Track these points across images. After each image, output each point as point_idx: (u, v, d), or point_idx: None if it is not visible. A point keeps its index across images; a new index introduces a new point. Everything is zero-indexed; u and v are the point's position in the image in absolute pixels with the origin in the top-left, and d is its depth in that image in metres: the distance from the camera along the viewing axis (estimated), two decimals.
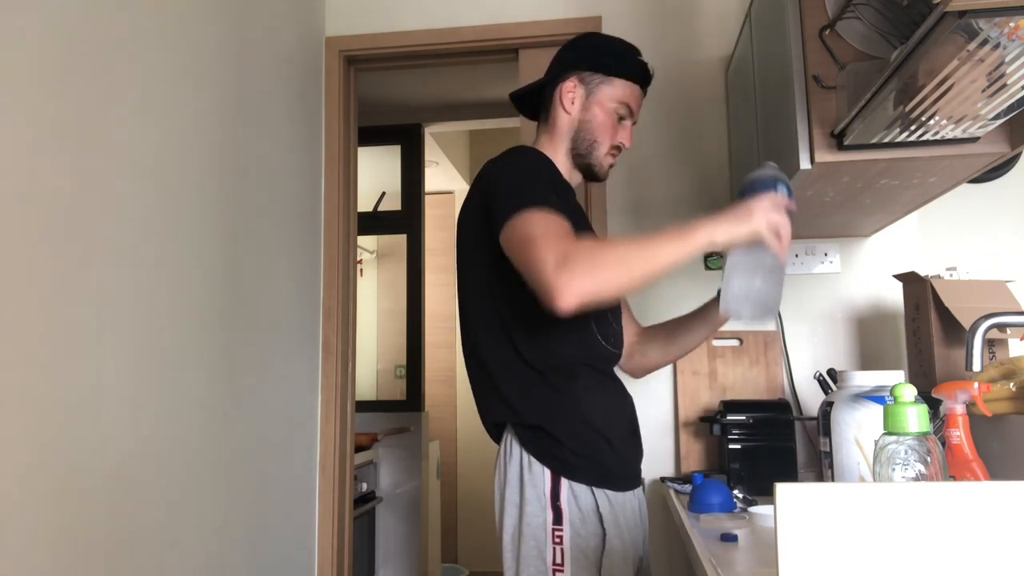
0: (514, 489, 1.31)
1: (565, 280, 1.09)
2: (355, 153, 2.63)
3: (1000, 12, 0.90)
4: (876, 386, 1.28)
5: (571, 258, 1.10)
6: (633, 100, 1.46)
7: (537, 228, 1.17)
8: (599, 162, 1.45)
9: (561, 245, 1.13)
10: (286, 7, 2.23)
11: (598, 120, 1.43)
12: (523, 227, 1.19)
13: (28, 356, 1.21)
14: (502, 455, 1.35)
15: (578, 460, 1.29)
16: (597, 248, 1.14)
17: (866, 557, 0.59)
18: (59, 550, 1.25)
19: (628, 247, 1.15)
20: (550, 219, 1.19)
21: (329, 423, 2.36)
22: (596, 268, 1.11)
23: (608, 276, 1.11)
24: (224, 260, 1.80)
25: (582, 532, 1.27)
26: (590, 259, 1.11)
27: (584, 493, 1.28)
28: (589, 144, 1.44)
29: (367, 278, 3.80)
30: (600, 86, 1.44)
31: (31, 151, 1.23)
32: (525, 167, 1.34)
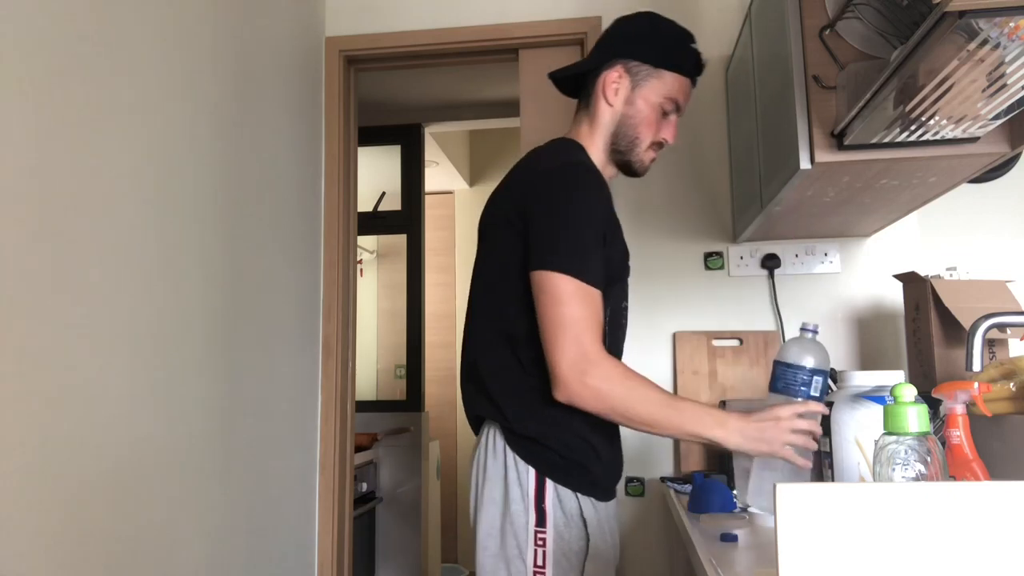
0: (495, 486, 1.27)
1: (576, 385, 1.16)
2: (355, 153, 2.63)
3: (1000, 12, 0.90)
4: (876, 386, 1.28)
5: (592, 369, 1.15)
6: (682, 94, 1.38)
7: (575, 308, 1.17)
8: (638, 159, 1.39)
9: (589, 345, 1.16)
10: (286, 7, 2.23)
11: (642, 115, 1.36)
12: (561, 293, 1.18)
13: (28, 356, 1.21)
14: (483, 449, 1.31)
15: (566, 465, 1.26)
16: (618, 377, 1.17)
17: (866, 557, 0.59)
18: (59, 550, 1.25)
19: (645, 400, 1.17)
20: (590, 302, 1.19)
21: (329, 423, 2.37)
22: (606, 397, 1.16)
23: (610, 409, 1.17)
24: (224, 260, 1.80)
25: (566, 536, 1.25)
26: (607, 384, 1.16)
27: (569, 497, 1.26)
28: (630, 140, 1.37)
29: (367, 278, 3.80)
30: (647, 79, 1.36)
31: (30, 151, 1.23)
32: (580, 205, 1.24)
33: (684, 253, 2.28)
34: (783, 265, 2.21)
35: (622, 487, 2.22)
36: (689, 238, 2.29)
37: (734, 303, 2.24)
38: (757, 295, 2.24)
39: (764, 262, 2.22)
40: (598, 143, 1.39)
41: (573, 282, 1.18)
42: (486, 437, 1.32)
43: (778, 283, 2.22)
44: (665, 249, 2.29)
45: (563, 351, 1.17)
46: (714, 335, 2.21)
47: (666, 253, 2.29)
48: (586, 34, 2.37)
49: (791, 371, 1.25)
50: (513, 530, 1.24)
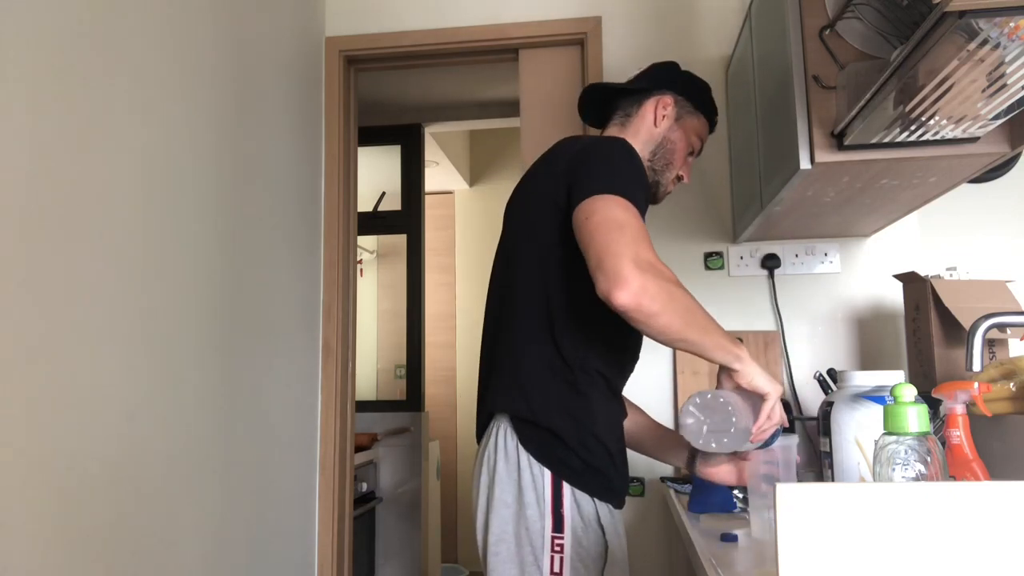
0: (508, 489, 1.23)
1: (640, 281, 1.07)
2: (355, 153, 2.63)
3: (1000, 12, 0.90)
4: (876, 386, 1.28)
5: (655, 267, 1.10)
6: (706, 138, 1.53)
7: (627, 216, 1.14)
8: (666, 182, 1.47)
9: (649, 251, 1.12)
10: (286, 7, 2.23)
11: (679, 144, 1.46)
12: (611, 208, 1.14)
13: (27, 356, 1.21)
14: (494, 450, 1.26)
15: (584, 468, 1.22)
16: (676, 281, 1.14)
17: (866, 557, 0.59)
18: (59, 549, 1.25)
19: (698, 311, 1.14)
20: (639, 217, 1.17)
21: (329, 423, 2.37)
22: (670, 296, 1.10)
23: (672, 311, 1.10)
24: (224, 260, 1.80)
25: (584, 542, 1.21)
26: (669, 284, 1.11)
27: (586, 501, 1.23)
28: (665, 163, 1.46)
29: (367, 278, 3.80)
30: (690, 115, 1.48)
31: (30, 151, 1.23)
32: (630, 158, 1.27)
33: (684, 253, 2.28)
34: (783, 265, 2.21)
35: None
36: (689, 238, 2.29)
37: (734, 303, 2.24)
38: (757, 295, 2.24)
39: (764, 262, 2.22)
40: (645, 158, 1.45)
41: (623, 200, 1.15)
42: (496, 437, 1.26)
43: (778, 283, 2.22)
44: (665, 249, 2.29)
45: (626, 248, 1.09)
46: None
47: (666, 253, 2.29)
48: (586, 34, 2.38)
49: None
50: (528, 536, 1.20)
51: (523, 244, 1.32)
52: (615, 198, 1.16)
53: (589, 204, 1.16)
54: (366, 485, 3.36)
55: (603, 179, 1.19)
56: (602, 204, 1.15)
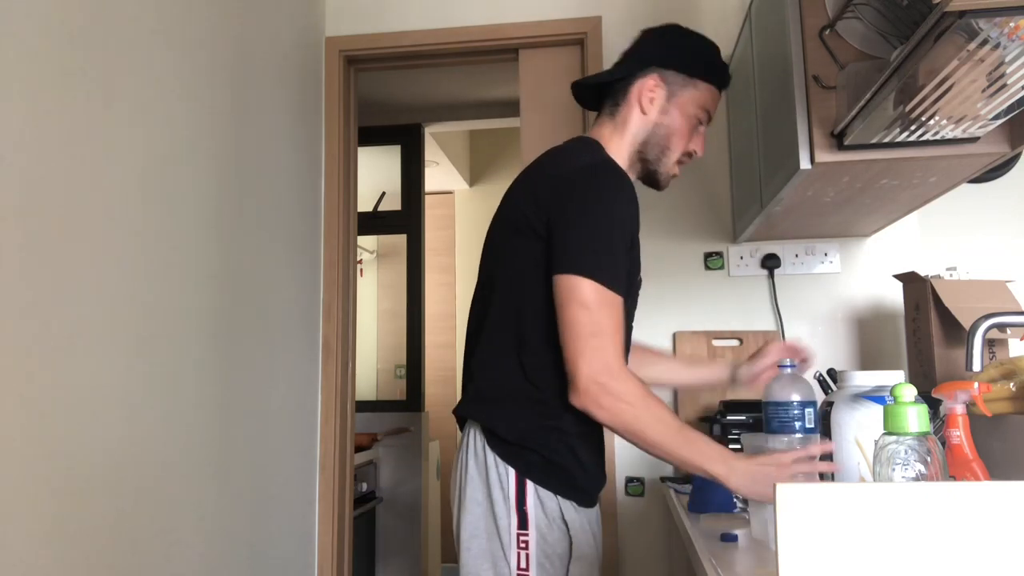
0: (478, 487, 1.25)
1: (594, 395, 1.15)
2: (355, 153, 2.63)
3: (1000, 12, 0.90)
4: (876, 386, 1.28)
5: (612, 384, 1.14)
6: (713, 105, 1.37)
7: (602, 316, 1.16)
8: (666, 170, 1.37)
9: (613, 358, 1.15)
10: (286, 7, 2.23)
11: (676, 125, 1.34)
12: (588, 299, 1.16)
13: (27, 356, 1.21)
14: (465, 450, 1.29)
15: (547, 466, 1.24)
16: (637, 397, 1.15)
17: (866, 557, 0.59)
18: (59, 550, 1.25)
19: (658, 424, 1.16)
20: (615, 311, 1.17)
21: (329, 423, 2.36)
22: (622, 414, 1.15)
23: (623, 426, 1.16)
24: (224, 260, 1.80)
25: (548, 538, 1.23)
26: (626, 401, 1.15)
27: (550, 499, 1.24)
28: (660, 150, 1.35)
29: (367, 278, 3.80)
30: (684, 89, 1.34)
31: (30, 151, 1.23)
32: (609, 206, 1.21)
33: (684, 253, 2.28)
34: (783, 265, 2.21)
35: (622, 487, 2.22)
36: (689, 238, 2.29)
37: (734, 303, 2.24)
38: (757, 295, 2.24)
39: (764, 262, 2.22)
40: (623, 150, 1.36)
41: (601, 288, 1.17)
42: (468, 439, 1.29)
43: (778, 283, 2.22)
44: (665, 249, 2.29)
45: (587, 359, 1.15)
46: (714, 335, 2.21)
47: (666, 253, 2.29)
48: (586, 34, 2.38)
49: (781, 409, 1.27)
50: (497, 531, 1.23)
51: (502, 265, 1.32)
52: (590, 285, 1.16)
53: (568, 284, 1.18)
54: (366, 485, 3.36)
55: (585, 253, 1.19)
56: (577, 291, 1.17)
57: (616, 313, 1.18)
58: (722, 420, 1.91)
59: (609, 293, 1.17)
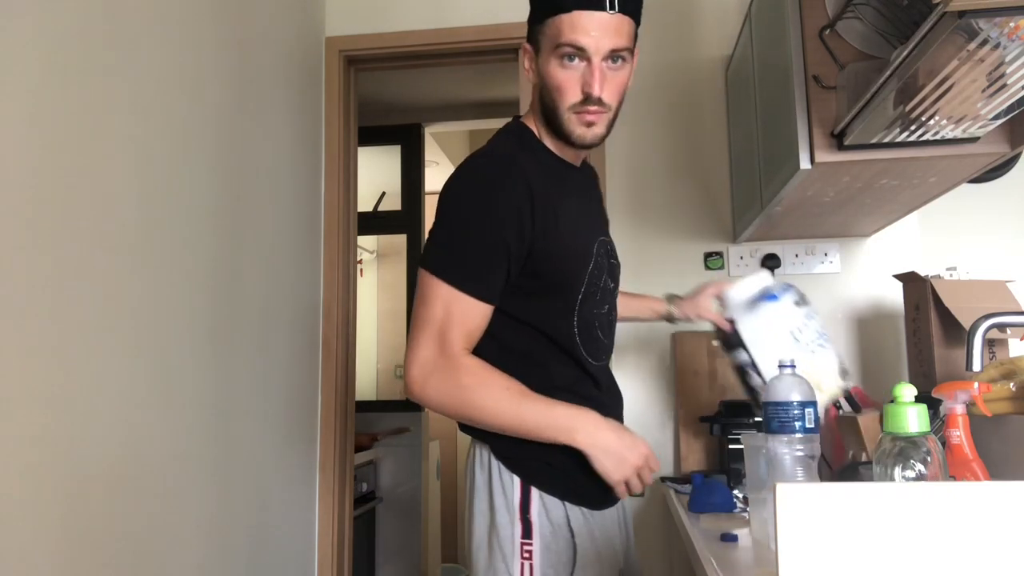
0: (482, 497, 1.23)
1: (419, 389, 1.15)
2: (355, 153, 2.63)
3: (1000, 12, 0.90)
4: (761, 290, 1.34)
5: (436, 373, 1.14)
6: (579, 32, 1.11)
7: (438, 310, 1.14)
8: (565, 129, 1.19)
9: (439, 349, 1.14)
10: (286, 7, 2.23)
11: (549, 81, 1.17)
12: (428, 294, 1.16)
13: (27, 356, 1.21)
14: (472, 460, 1.28)
15: (552, 473, 1.20)
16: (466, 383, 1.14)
17: (866, 557, 0.59)
18: (59, 549, 1.25)
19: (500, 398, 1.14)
20: (461, 309, 1.14)
21: (329, 423, 2.36)
22: (449, 401, 1.15)
23: (455, 412, 1.16)
24: (224, 260, 1.80)
25: (552, 547, 1.18)
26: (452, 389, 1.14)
27: (555, 506, 1.20)
28: (551, 112, 1.19)
29: (367, 278, 3.80)
30: (540, 39, 1.17)
31: (30, 151, 1.23)
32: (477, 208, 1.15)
33: (684, 253, 2.28)
34: (783, 265, 2.21)
35: None
36: (689, 238, 2.29)
37: None
38: None
39: (764, 262, 2.22)
40: (539, 122, 1.25)
41: (442, 284, 1.15)
42: (475, 448, 1.28)
43: None
44: (665, 249, 2.29)
45: (416, 352, 1.15)
46: (714, 335, 2.21)
47: (666, 253, 2.29)
48: None
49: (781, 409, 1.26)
50: (499, 542, 1.19)
51: None
52: (433, 281, 1.15)
53: (420, 277, 1.18)
54: (366, 485, 3.36)
55: (434, 249, 1.18)
56: (422, 284, 1.17)
57: (456, 312, 1.14)
58: (722, 420, 1.91)
59: (452, 291, 1.14)
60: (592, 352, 1.27)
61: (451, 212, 1.18)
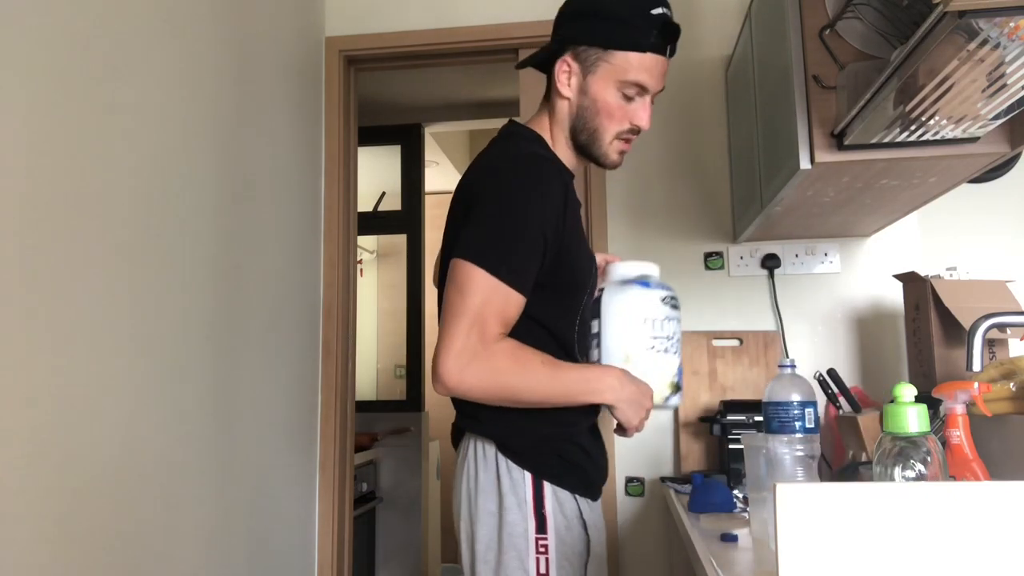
0: (489, 497, 1.21)
1: (456, 379, 1.11)
2: (355, 153, 2.63)
3: (1000, 12, 0.90)
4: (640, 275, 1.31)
5: (476, 362, 1.11)
6: (645, 73, 1.19)
7: (476, 299, 1.11)
8: (603, 152, 1.26)
9: (478, 339, 1.11)
10: (286, 7, 2.23)
11: (599, 105, 1.21)
12: (466, 283, 1.12)
13: (27, 356, 1.21)
14: (472, 460, 1.24)
15: (563, 466, 1.22)
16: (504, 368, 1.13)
17: (866, 557, 0.59)
18: (59, 550, 1.25)
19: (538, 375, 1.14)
20: (499, 299, 1.12)
21: (329, 423, 2.36)
22: (489, 387, 1.13)
23: (495, 393, 1.14)
24: (224, 260, 1.80)
25: (567, 539, 1.20)
26: (491, 375, 1.12)
27: (567, 499, 1.21)
28: (590, 133, 1.24)
29: (367, 278, 3.80)
30: (598, 63, 1.20)
31: (30, 152, 1.23)
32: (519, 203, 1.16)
33: (684, 253, 2.28)
34: (783, 265, 2.21)
35: (622, 487, 2.22)
36: (689, 238, 2.29)
37: (734, 303, 2.24)
38: (757, 295, 2.24)
39: (764, 262, 2.22)
40: (559, 136, 1.28)
41: (484, 275, 1.11)
42: (472, 449, 1.25)
43: (778, 283, 2.22)
44: (665, 249, 2.29)
45: (453, 341, 1.10)
46: (714, 335, 2.21)
47: (666, 253, 2.29)
48: None
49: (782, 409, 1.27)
50: (512, 541, 1.18)
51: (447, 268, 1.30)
52: (473, 270, 1.12)
53: (453, 267, 1.15)
54: (366, 485, 3.36)
55: (476, 240, 1.15)
56: (459, 274, 1.14)
57: (496, 301, 1.12)
58: (722, 420, 1.91)
59: (492, 280, 1.11)
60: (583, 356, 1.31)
61: (493, 205, 1.17)
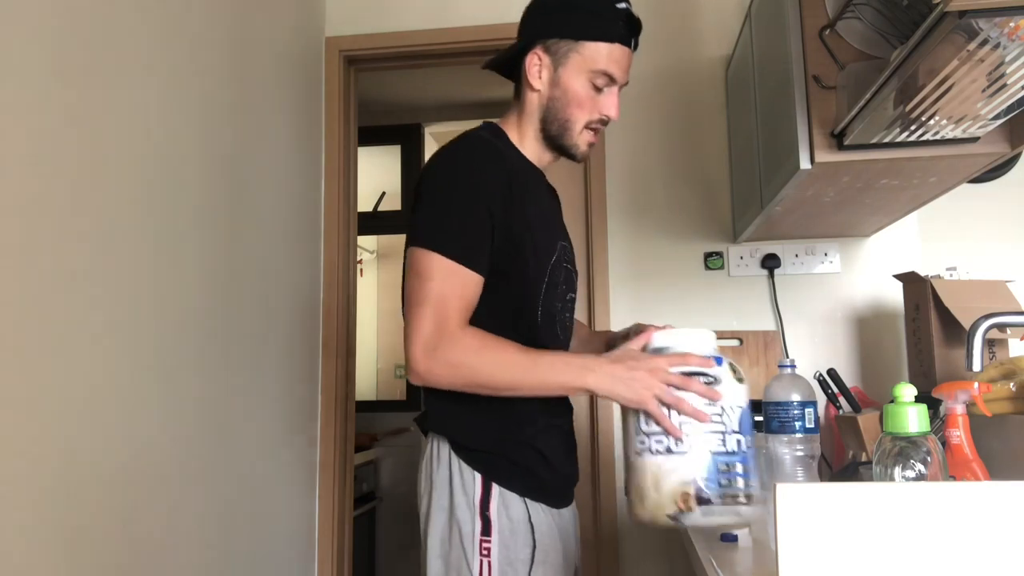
0: (443, 493, 1.22)
1: (424, 366, 1.10)
2: (355, 153, 2.63)
3: (1000, 12, 0.90)
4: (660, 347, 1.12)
5: (442, 346, 1.10)
6: (614, 63, 1.23)
7: (436, 283, 1.12)
8: (572, 143, 1.27)
9: (442, 322, 1.10)
10: (286, 7, 2.23)
11: (569, 95, 1.24)
12: (424, 269, 1.13)
13: (27, 356, 1.21)
14: (429, 458, 1.27)
15: (513, 469, 1.20)
16: (471, 348, 1.11)
17: (866, 557, 0.59)
18: (58, 551, 1.25)
19: (500, 365, 1.12)
20: (458, 280, 1.13)
21: (329, 423, 2.36)
22: (460, 369, 1.11)
23: (466, 382, 1.12)
24: (224, 260, 1.80)
25: (511, 544, 1.17)
26: (460, 357, 1.11)
27: (515, 502, 1.19)
28: (561, 124, 1.26)
29: (367, 278, 3.80)
30: (568, 55, 1.23)
31: (31, 151, 1.23)
32: (461, 183, 1.17)
33: (684, 253, 2.28)
34: (783, 265, 2.21)
35: (622, 487, 2.22)
36: (689, 238, 2.29)
37: (734, 303, 2.24)
38: (757, 295, 2.24)
39: (764, 262, 2.22)
40: (527, 131, 1.30)
41: (439, 258, 1.12)
42: (432, 446, 1.26)
43: (778, 283, 2.22)
44: (665, 249, 2.29)
45: (418, 328, 1.11)
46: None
47: (666, 253, 2.29)
48: None
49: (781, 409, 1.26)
50: (460, 539, 1.18)
51: None
52: (427, 255, 1.13)
53: (409, 258, 1.16)
54: (366, 485, 3.36)
55: (425, 225, 1.16)
56: (415, 262, 1.14)
57: (459, 282, 1.13)
58: None
59: (450, 263, 1.12)
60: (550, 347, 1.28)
61: (438, 190, 1.18)
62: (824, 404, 1.84)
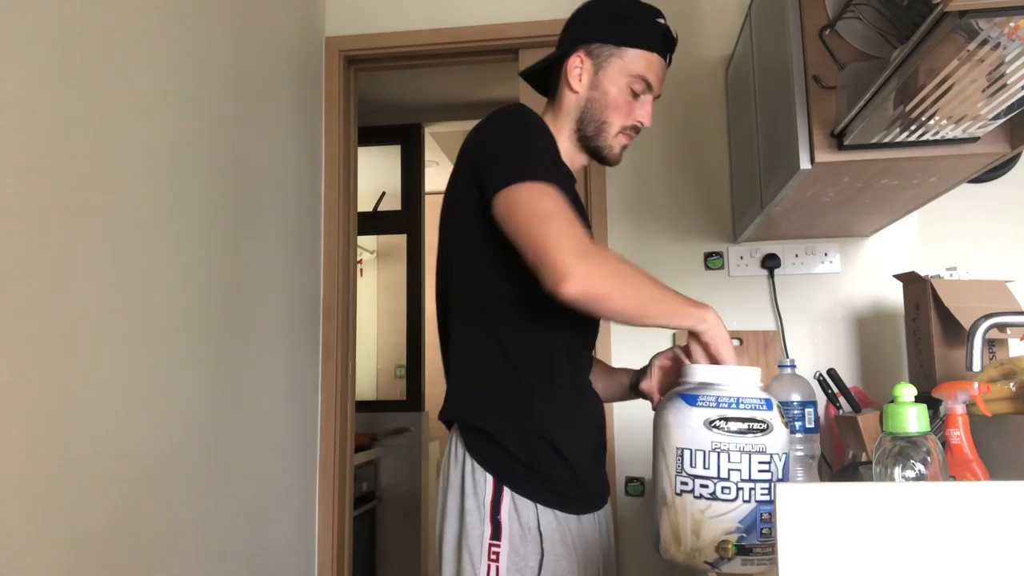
0: (455, 495, 1.20)
1: (584, 269, 1.04)
2: (355, 153, 2.63)
3: (1000, 12, 0.90)
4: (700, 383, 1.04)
5: (594, 252, 1.07)
6: (651, 72, 1.28)
7: (550, 203, 1.09)
8: (607, 144, 1.31)
9: (581, 233, 1.08)
10: (286, 7, 2.23)
11: (608, 97, 1.28)
12: (531, 199, 1.10)
13: (27, 356, 1.21)
14: (447, 457, 1.25)
15: (525, 472, 1.17)
16: (619, 259, 1.09)
17: (866, 557, 0.59)
18: (58, 551, 1.25)
19: (648, 283, 1.10)
20: (561, 199, 1.10)
21: (329, 423, 2.36)
22: (617, 276, 1.07)
23: (622, 289, 1.08)
24: (224, 260, 1.80)
25: (520, 550, 1.15)
26: (613, 264, 1.08)
27: (526, 507, 1.16)
28: (597, 125, 1.29)
29: (367, 278, 3.80)
30: (610, 59, 1.28)
31: (31, 151, 1.23)
32: (525, 129, 1.20)
33: (684, 253, 2.28)
34: (783, 265, 2.21)
35: (622, 487, 2.22)
36: (689, 238, 2.29)
37: (734, 303, 2.24)
38: (757, 295, 2.24)
39: (764, 262, 2.22)
40: (564, 131, 1.32)
41: (536, 184, 1.11)
42: (450, 444, 1.24)
43: (778, 283, 2.22)
44: (665, 249, 2.29)
45: (558, 237, 1.06)
46: None
47: (666, 253, 2.29)
48: None
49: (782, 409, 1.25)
50: (468, 543, 1.17)
51: (454, 249, 1.28)
52: (529, 185, 1.11)
53: (505, 198, 1.12)
54: (366, 485, 3.36)
55: (509, 165, 1.14)
56: (518, 196, 1.11)
57: (560, 197, 1.11)
58: None
59: (542, 184, 1.11)
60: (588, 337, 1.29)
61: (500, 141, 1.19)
62: (824, 404, 1.84)
